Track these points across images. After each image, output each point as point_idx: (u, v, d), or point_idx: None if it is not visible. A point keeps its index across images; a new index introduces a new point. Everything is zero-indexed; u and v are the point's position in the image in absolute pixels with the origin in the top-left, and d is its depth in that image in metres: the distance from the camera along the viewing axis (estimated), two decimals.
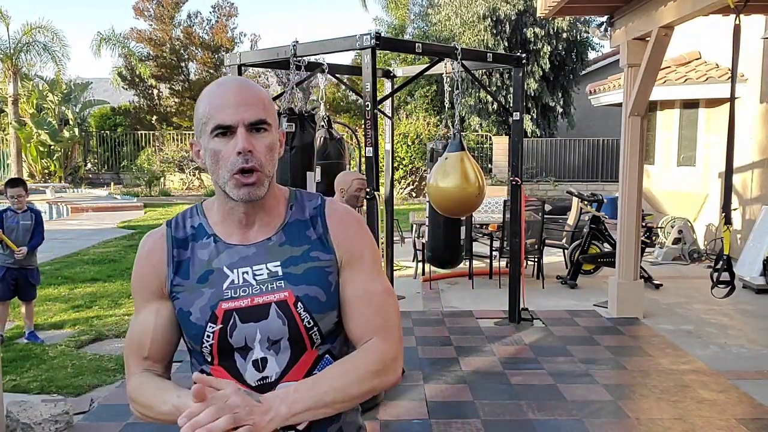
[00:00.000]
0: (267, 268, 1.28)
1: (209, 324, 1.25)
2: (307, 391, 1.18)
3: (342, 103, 20.73)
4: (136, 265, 1.35)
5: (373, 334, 1.29)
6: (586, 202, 7.78)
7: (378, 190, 4.38)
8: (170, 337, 1.33)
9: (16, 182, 5.30)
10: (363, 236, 1.36)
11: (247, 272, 1.28)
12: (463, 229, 5.56)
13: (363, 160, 4.71)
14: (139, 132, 21.05)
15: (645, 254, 7.52)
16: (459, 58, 4.83)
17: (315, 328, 1.27)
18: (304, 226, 1.33)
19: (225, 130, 1.22)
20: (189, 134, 20.63)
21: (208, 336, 1.25)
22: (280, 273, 1.28)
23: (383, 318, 1.31)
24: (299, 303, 1.26)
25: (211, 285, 1.27)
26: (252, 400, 1.12)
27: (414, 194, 17.16)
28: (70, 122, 19.97)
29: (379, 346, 1.28)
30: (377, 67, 4.46)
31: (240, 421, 1.08)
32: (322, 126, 4.97)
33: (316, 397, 1.17)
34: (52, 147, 19.54)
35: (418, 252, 7.40)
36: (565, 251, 7.88)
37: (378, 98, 4.52)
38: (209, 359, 1.28)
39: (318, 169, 4.60)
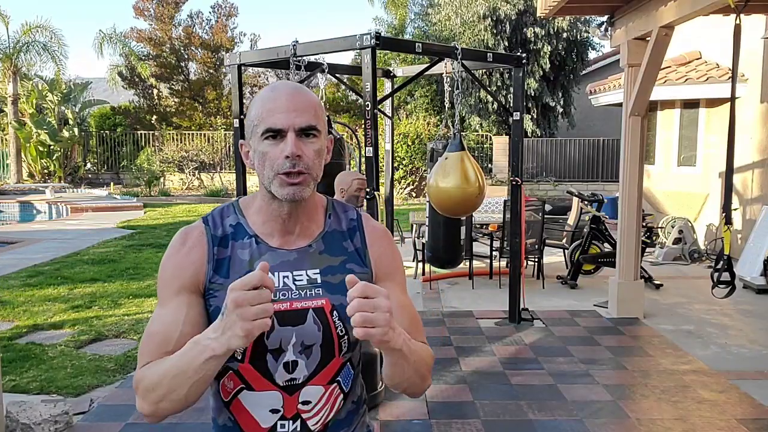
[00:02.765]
0: (307, 275, 1.31)
1: None
2: (411, 343, 1.22)
3: (342, 103, 20.73)
4: (170, 257, 1.33)
5: (415, 338, 1.32)
6: (586, 202, 7.78)
7: (378, 190, 4.38)
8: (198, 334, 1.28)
9: None
10: (397, 255, 1.43)
11: (287, 276, 1.30)
12: (463, 229, 5.55)
13: (363, 160, 4.70)
14: (138, 132, 21.04)
15: (645, 254, 7.52)
16: (459, 57, 4.82)
17: (345, 337, 1.31)
18: (341, 237, 1.37)
19: (275, 134, 1.24)
20: (189, 134, 20.64)
21: None
22: (319, 280, 1.31)
23: (418, 328, 1.37)
24: (335, 311, 1.29)
25: None
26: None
27: (414, 194, 17.16)
28: (70, 122, 19.96)
29: (429, 349, 1.34)
30: (377, 67, 4.46)
31: (390, 321, 1.12)
32: None
33: (411, 351, 1.21)
34: (52, 147, 19.53)
35: (418, 252, 7.39)
36: (566, 251, 7.88)
37: (378, 98, 4.52)
38: (239, 357, 1.27)
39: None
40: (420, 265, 7.41)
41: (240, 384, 1.30)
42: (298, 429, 1.31)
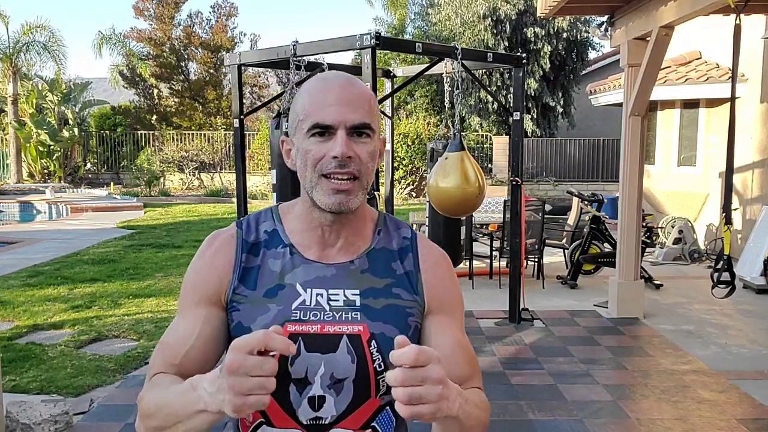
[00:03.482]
0: (344, 295, 1.14)
1: None
2: (467, 405, 1.02)
3: None
4: (194, 264, 1.19)
5: (470, 381, 1.17)
6: (586, 202, 7.78)
7: (378, 190, 4.38)
8: (211, 352, 1.15)
9: None
10: (456, 284, 1.23)
11: (321, 295, 1.13)
12: (463, 229, 5.55)
13: None
14: (138, 132, 21.04)
15: (645, 254, 7.52)
16: (459, 57, 4.82)
17: (385, 375, 1.10)
18: (390, 257, 1.19)
19: (323, 131, 1.09)
20: (189, 134, 20.64)
21: None
22: (358, 303, 1.13)
23: (475, 372, 1.19)
24: (373, 341, 1.11)
25: (279, 302, 1.13)
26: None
27: (414, 194, 17.15)
28: (70, 122, 19.96)
29: (486, 400, 1.16)
30: (377, 67, 4.46)
31: (443, 393, 0.93)
32: None
33: (468, 415, 1.02)
34: (52, 147, 19.53)
35: None
36: (566, 251, 7.87)
37: (378, 98, 4.51)
38: None
39: None
40: None
41: (259, 417, 1.14)
42: None
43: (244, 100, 10.36)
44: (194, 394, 0.97)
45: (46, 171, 20.14)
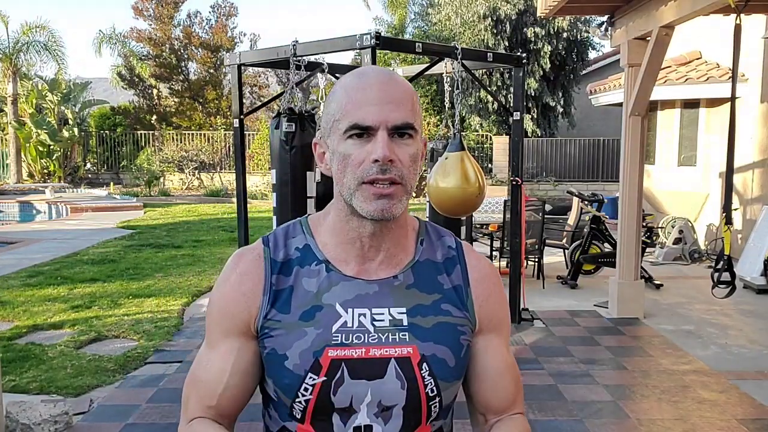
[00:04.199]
0: (390, 314, 1.04)
1: (310, 374, 1.00)
2: None
3: None
4: (219, 289, 1.09)
5: (515, 410, 1.14)
6: (586, 202, 7.78)
7: None
8: (247, 387, 1.08)
9: None
10: (505, 300, 1.17)
11: (364, 315, 1.03)
12: (463, 229, 5.55)
13: None
14: (138, 132, 21.05)
15: (645, 254, 7.51)
16: (459, 57, 4.82)
17: (437, 399, 1.04)
18: (435, 270, 1.10)
19: (362, 132, 0.99)
20: (189, 134, 20.64)
21: (306, 389, 1.00)
22: (405, 322, 1.04)
23: (519, 392, 1.15)
24: (425, 364, 1.02)
25: (317, 324, 1.03)
26: None
27: (414, 194, 17.14)
28: (70, 122, 19.96)
29: (528, 426, 1.13)
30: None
31: None
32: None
33: None
34: (52, 147, 19.53)
35: None
36: (566, 251, 7.87)
37: None
38: (299, 416, 1.03)
39: (318, 169, 4.59)
40: None
41: None
42: None
43: (244, 100, 10.37)
44: None
45: (45, 171, 20.14)
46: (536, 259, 7.30)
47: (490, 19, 16.52)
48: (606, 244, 7.36)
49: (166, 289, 6.96)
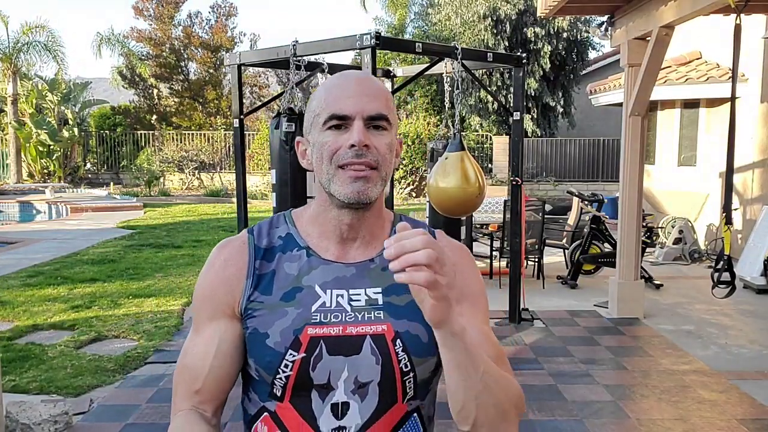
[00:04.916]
0: (366, 294, 1.10)
1: (290, 351, 1.05)
2: (470, 346, 0.97)
3: None
4: (205, 275, 1.16)
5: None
6: (586, 202, 7.78)
7: None
8: (231, 369, 1.13)
9: None
10: (478, 277, 1.19)
11: (342, 295, 1.09)
12: (463, 229, 5.55)
13: None
14: (138, 132, 21.05)
15: (645, 254, 7.51)
16: (459, 57, 4.82)
17: (411, 375, 1.09)
18: None
19: (340, 122, 1.06)
20: (189, 134, 20.64)
21: (287, 365, 1.05)
22: (380, 302, 1.09)
23: (504, 360, 1.12)
24: (398, 340, 1.07)
25: (297, 305, 1.08)
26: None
27: (414, 194, 17.15)
28: (70, 122, 19.97)
29: (513, 384, 1.08)
30: (377, 66, 4.45)
31: (443, 274, 0.89)
32: None
33: (477, 356, 0.97)
34: (52, 147, 19.54)
35: None
36: (566, 251, 7.87)
37: None
38: (279, 394, 1.08)
39: None
40: None
41: (276, 430, 1.09)
42: None
43: (244, 100, 10.36)
44: None
45: (45, 171, 20.14)
46: (536, 259, 7.30)
47: (490, 19, 16.51)
48: (606, 244, 7.36)
49: (166, 289, 6.96)
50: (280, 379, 1.06)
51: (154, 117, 22.04)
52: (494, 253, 7.28)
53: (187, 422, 1.09)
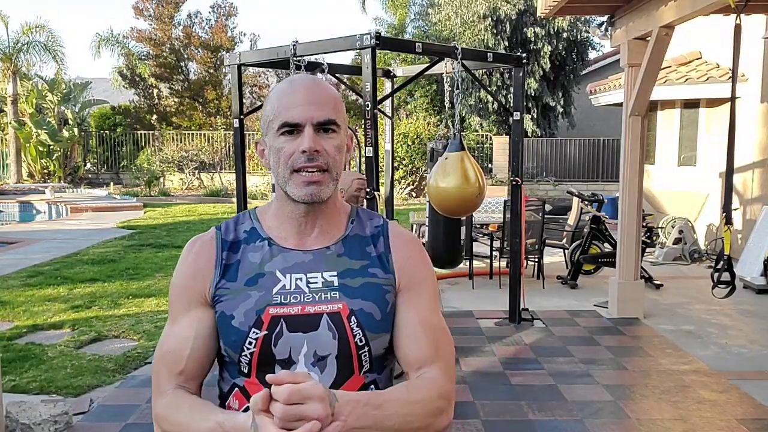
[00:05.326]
0: (322, 277, 1.21)
1: (253, 329, 1.16)
2: (374, 410, 1.08)
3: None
4: (178, 269, 1.27)
5: (432, 363, 1.21)
6: (586, 202, 7.78)
7: (378, 190, 4.37)
8: (209, 351, 1.23)
9: None
10: (426, 265, 1.30)
11: (300, 279, 1.20)
12: (463, 229, 5.55)
13: (363, 160, 4.70)
14: (138, 132, 21.04)
15: (645, 254, 7.52)
16: (459, 57, 4.82)
17: (366, 349, 1.19)
18: (364, 242, 1.27)
19: (292, 129, 1.17)
20: (189, 134, 20.64)
21: (251, 343, 1.16)
22: (336, 283, 1.20)
23: (442, 351, 1.23)
24: (353, 317, 1.18)
25: (259, 288, 1.20)
26: (328, 405, 1.02)
27: (414, 194, 17.15)
28: (70, 122, 19.96)
29: (443, 381, 1.20)
30: (377, 66, 4.45)
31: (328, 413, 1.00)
32: None
33: (380, 419, 1.07)
34: (52, 147, 19.53)
35: None
36: (566, 251, 7.87)
37: (378, 98, 4.51)
38: (246, 371, 1.19)
39: None
40: None
41: (246, 403, 1.16)
42: None
43: (244, 100, 10.35)
44: None
45: (46, 171, 20.13)
46: (536, 259, 7.30)
47: (490, 19, 16.51)
48: (606, 244, 7.36)
49: (166, 289, 6.96)
50: (246, 356, 1.17)
51: (154, 117, 22.03)
52: (494, 253, 7.28)
53: (179, 396, 1.19)
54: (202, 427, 1.11)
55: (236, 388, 1.21)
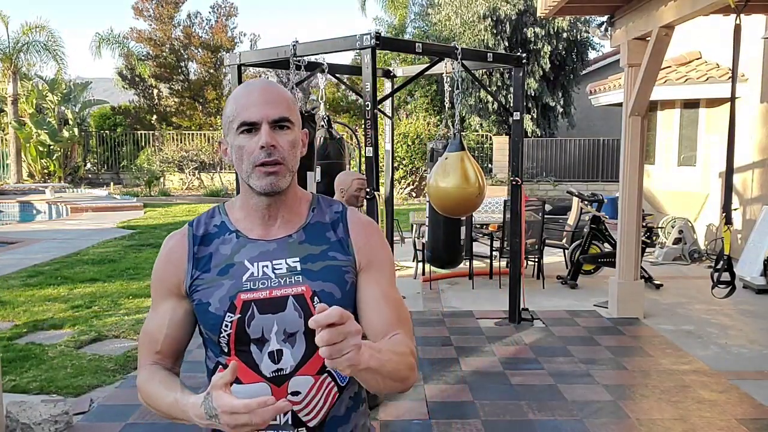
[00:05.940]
0: (286, 263, 1.33)
1: (228, 314, 1.30)
2: (378, 353, 1.17)
3: (342, 103, 20.72)
4: (156, 264, 1.40)
5: (397, 328, 1.32)
6: (586, 202, 7.78)
7: (378, 190, 4.37)
8: (182, 335, 1.40)
9: None
10: (384, 247, 1.42)
11: (267, 266, 1.33)
12: (463, 229, 5.55)
13: (363, 160, 4.70)
14: (138, 132, 21.04)
15: (645, 254, 7.52)
16: (459, 57, 4.82)
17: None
18: (324, 228, 1.38)
19: (250, 127, 1.28)
20: (189, 134, 20.64)
21: (227, 325, 1.30)
22: (299, 268, 1.33)
23: (404, 319, 1.36)
24: (316, 297, 1.31)
25: (231, 277, 1.32)
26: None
27: (414, 194, 17.15)
28: (70, 122, 19.96)
29: (409, 341, 1.32)
30: (377, 66, 4.46)
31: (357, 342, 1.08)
32: (322, 126, 4.97)
33: (382, 363, 1.17)
34: (52, 147, 19.53)
35: (418, 252, 7.39)
36: (566, 251, 7.88)
37: (378, 98, 4.52)
38: (226, 350, 1.33)
39: (318, 169, 4.60)
40: (420, 265, 7.40)
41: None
42: (290, 422, 1.32)
43: None
44: (184, 413, 1.23)
45: (46, 171, 20.14)
46: (536, 259, 7.30)
47: (490, 19, 16.50)
48: (606, 244, 7.36)
49: None
50: (224, 337, 1.31)
51: (154, 117, 22.03)
52: (494, 253, 7.28)
53: (153, 371, 1.37)
54: (165, 400, 1.28)
55: (219, 365, 1.35)
